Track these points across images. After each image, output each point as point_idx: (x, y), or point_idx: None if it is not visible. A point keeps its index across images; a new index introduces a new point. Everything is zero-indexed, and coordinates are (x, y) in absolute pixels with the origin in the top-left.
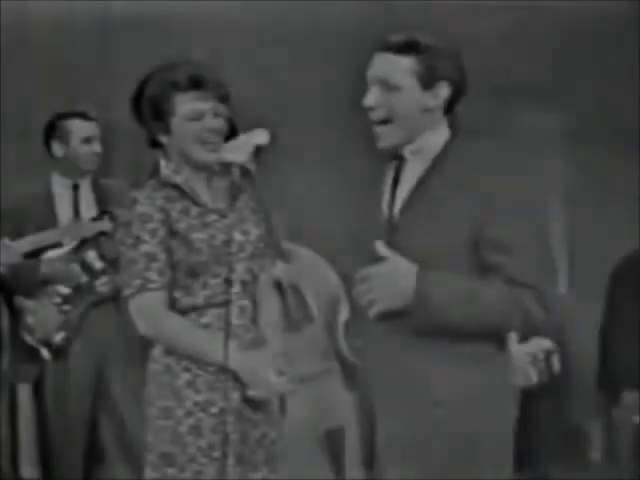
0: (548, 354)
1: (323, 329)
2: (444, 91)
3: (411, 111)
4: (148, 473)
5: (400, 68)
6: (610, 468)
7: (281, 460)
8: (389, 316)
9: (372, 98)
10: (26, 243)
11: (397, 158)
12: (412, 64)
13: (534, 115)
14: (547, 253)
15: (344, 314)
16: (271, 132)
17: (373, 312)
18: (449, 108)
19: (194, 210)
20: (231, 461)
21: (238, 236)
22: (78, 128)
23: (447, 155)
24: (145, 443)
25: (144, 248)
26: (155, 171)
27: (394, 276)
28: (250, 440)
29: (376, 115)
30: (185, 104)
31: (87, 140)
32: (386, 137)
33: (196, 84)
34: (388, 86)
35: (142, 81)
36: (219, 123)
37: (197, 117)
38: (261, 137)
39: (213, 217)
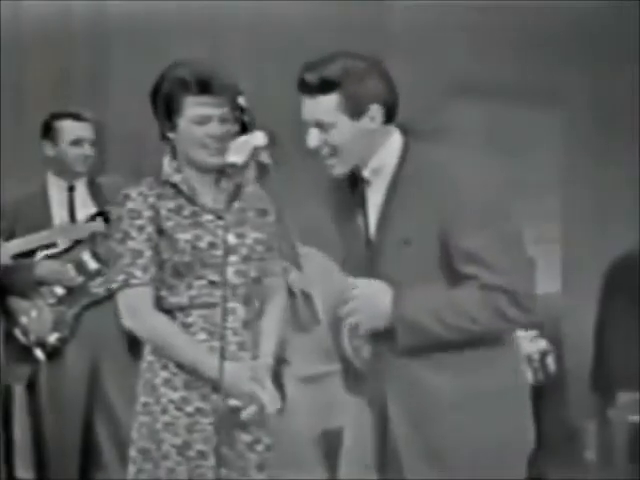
0: (543, 355)
1: (328, 331)
2: (377, 113)
3: (353, 141)
4: (130, 468)
5: (327, 107)
6: (605, 468)
7: (278, 463)
8: (382, 334)
9: (314, 140)
10: (18, 244)
11: (358, 180)
12: (337, 101)
13: (532, 115)
14: (522, 256)
15: None
16: (270, 134)
17: (361, 332)
18: (389, 117)
19: (187, 209)
20: (210, 462)
21: (232, 238)
22: (68, 129)
23: (406, 167)
24: (131, 438)
25: (131, 244)
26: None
27: (371, 298)
28: (237, 444)
29: (323, 153)
30: (193, 108)
31: (77, 142)
32: (339, 166)
33: (206, 88)
34: (323, 126)
35: (159, 77)
36: (224, 129)
37: (202, 122)
38: (259, 139)
39: (208, 217)
